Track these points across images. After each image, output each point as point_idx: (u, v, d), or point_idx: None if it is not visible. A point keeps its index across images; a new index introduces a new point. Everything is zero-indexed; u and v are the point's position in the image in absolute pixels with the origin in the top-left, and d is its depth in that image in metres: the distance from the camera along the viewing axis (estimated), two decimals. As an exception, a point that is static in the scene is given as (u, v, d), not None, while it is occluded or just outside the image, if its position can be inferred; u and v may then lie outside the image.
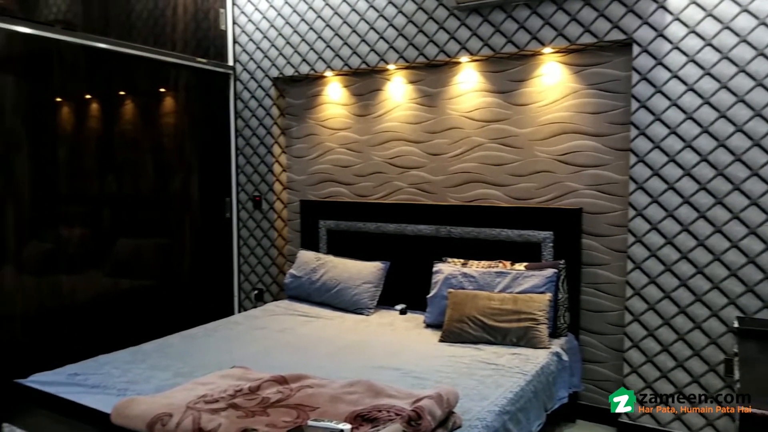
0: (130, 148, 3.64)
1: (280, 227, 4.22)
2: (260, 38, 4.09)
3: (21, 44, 3.03)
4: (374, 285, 3.51)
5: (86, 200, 3.40)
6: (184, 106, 3.99)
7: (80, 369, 2.50)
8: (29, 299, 3.09)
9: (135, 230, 3.71)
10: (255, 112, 4.19)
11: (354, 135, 3.89)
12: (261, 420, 1.82)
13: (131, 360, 2.64)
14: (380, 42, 3.58)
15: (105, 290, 3.50)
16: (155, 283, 3.81)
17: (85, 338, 3.32)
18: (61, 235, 3.28)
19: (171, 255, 3.93)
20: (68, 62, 3.27)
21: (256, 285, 4.30)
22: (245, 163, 4.28)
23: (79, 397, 2.18)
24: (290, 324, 3.28)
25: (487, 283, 3.06)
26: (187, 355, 2.72)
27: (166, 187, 3.87)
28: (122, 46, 3.49)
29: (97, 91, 3.46)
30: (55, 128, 3.24)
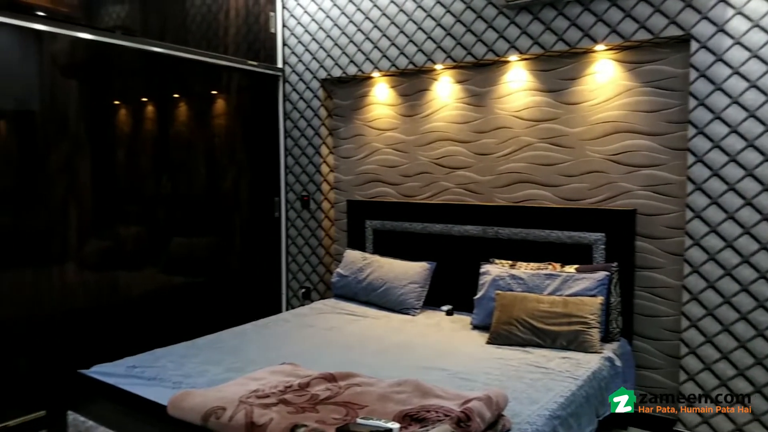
0: (183, 149, 3.76)
1: (327, 227, 4.27)
2: (309, 40, 4.15)
3: (84, 50, 3.17)
4: (420, 285, 3.51)
5: (143, 200, 3.53)
6: (235, 107, 4.09)
7: (138, 362, 2.59)
8: (90, 294, 3.23)
9: (188, 229, 3.82)
10: (303, 114, 4.26)
11: (401, 135, 3.90)
12: (311, 416, 1.85)
13: (185, 354, 2.72)
14: (428, 42, 3.57)
15: (159, 286, 3.62)
16: (207, 280, 3.92)
17: (141, 332, 3.44)
18: (119, 233, 3.41)
19: (222, 253, 4.03)
20: (127, 67, 3.40)
21: (304, 283, 4.37)
22: (294, 164, 4.35)
23: (137, 389, 2.27)
24: (337, 322, 3.31)
25: (536, 285, 3.02)
26: (238, 350, 2.79)
27: (218, 187, 3.98)
28: (178, 50, 3.61)
29: (154, 94, 3.58)
30: (115, 131, 3.37)
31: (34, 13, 2.94)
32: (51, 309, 3.05)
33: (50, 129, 3.04)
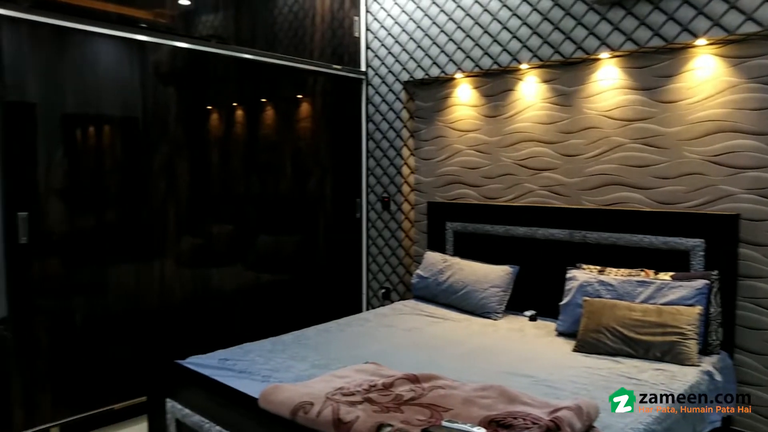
0: (271, 151, 3.90)
1: (407, 228, 4.28)
2: (392, 43, 4.19)
3: (181, 59, 3.36)
4: (502, 289, 3.45)
5: (233, 199, 3.69)
6: (320, 111, 4.19)
7: (229, 355, 2.71)
8: (185, 289, 3.42)
9: (274, 227, 3.96)
10: (385, 116, 4.30)
11: (483, 136, 3.85)
12: (395, 416, 1.86)
13: (272, 349, 2.82)
14: (513, 41, 3.50)
15: (247, 282, 3.78)
16: (291, 278, 4.04)
17: (229, 325, 3.61)
18: (211, 231, 3.59)
19: (306, 252, 4.15)
20: (220, 73, 3.57)
21: (384, 284, 4.41)
22: (375, 165, 4.41)
23: (229, 381, 2.37)
24: (418, 324, 3.32)
25: (627, 293, 2.88)
26: (322, 347, 2.85)
27: (303, 188, 4.10)
28: (267, 56, 3.75)
29: (244, 99, 3.74)
30: (209, 134, 3.55)
31: (138, 25, 3.15)
32: (151, 302, 3.26)
33: (152, 133, 3.25)
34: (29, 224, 2.77)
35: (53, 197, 2.87)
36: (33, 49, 2.77)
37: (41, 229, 2.82)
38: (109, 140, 3.13)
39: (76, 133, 3.01)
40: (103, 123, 3.10)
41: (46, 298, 2.86)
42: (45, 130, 2.85)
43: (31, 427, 2.81)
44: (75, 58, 2.93)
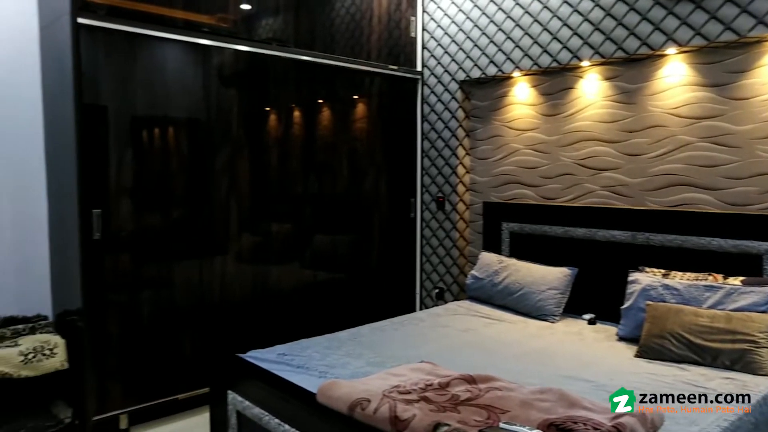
0: (328, 152, 3.96)
1: (461, 228, 4.26)
2: (448, 43, 4.17)
3: (242, 61, 3.46)
4: (560, 291, 3.38)
5: (291, 199, 3.77)
6: (376, 111, 4.22)
7: (287, 350, 2.78)
8: (245, 285, 3.52)
9: (330, 227, 4.02)
10: (441, 115, 4.29)
11: (541, 135, 3.78)
12: (452, 416, 1.86)
13: (328, 346, 2.86)
14: (574, 38, 3.43)
15: (303, 280, 3.85)
16: (345, 276, 4.09)
17: (286, 322, 3.69)
18: (270, 229, 3.68)
19: (360, 251, 4.19)
20: (279, 75, 3.66)
21: (437, 284, 4.40)
22: (430, 165, 4.40)
23: (287, 375, 2.43)
24: (473, 325, 3.30)
25: (694, 297, 2.77)
26: (377, 345, 2.88)
27: (358, 188, 4.14)
28: (325, 58, 3.81)
29: (302, 100, 3.82)
30: (268, 135, 3.64)
31: (201, 30, 3.27)
32: (213, 297, 3.37)
33: (214, 134, 3.36)
34: (102, 221, 2.93)
35: (123, 196, 3.02)
36: (107, 54, 2.92)
37: (112, 226, 2.97)
38: (174, 141, 3.27)
39: (145, 134, 3.15)
40: (169, 125, 3.24)
41: (116, 291, 3.02)
42: (116, 132, 3.00)
43: (102, 414, 2.97)
44: (144, 63, 3.07)
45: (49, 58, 3.13)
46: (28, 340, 2.89)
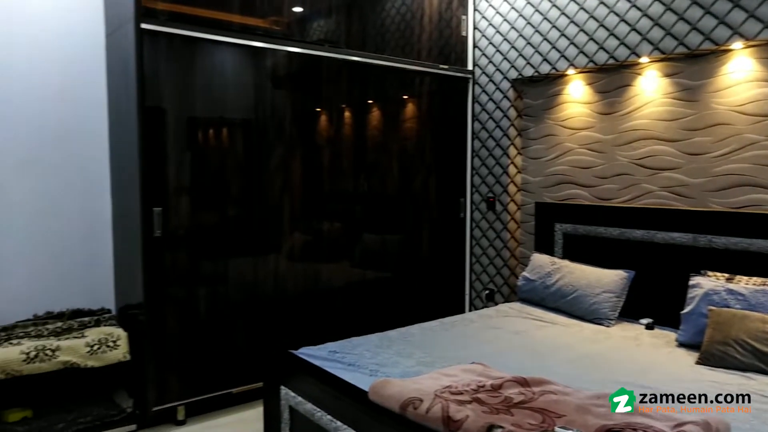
0: (378, 151, 3.98)
1: (512, 229, 4.20)
2: (500, 41, 4.12)
3: (295, 63, 3.52)
4: (616, 295, 3.29)
5: (341, 198, 3.81)
6: (426, 110, 4.22)
7: (338, 347, 2.81)
8: (297, 282, 3.58)
9: (379, 226, 4.04)
10: (492, 115, 4.24)
11: (597, 134, 3.68)
12: (506, 418, 1.83)
13: (379, 344, 2.88)
14: (632, 34, 3.32)
15: (353, 279, 3.89)
16: (394, 276, 4.10)
17: (336, 319, 3.73)
18: (321, 228, 3.73)
19: (409, 250, 4.19)
20: (331, 75, 3.70)
21: (487, 285, 4.35)
22: (480, 165, 4.36)
23: (339, 372, 2.45)
24: (524, 327, 3.24)
25: (761, 303, 2.64)
26: (427, 345, 2.87)
27: (408, 187, 4.14)
28: (375, 58, 3.83)
29: (352, 100, 3.85)
30: (320, 135, 3.69)
31: (256, 32, 3.34)
32: (266, 294, 3.45)
33: (268, 134, 3.43)
34: (162, 219, 3.03)
35: (181, 194, 3.12)
36: (167, 58, 3.03)
37: (171, 223, 3.08)
38: (229, 141, 3.36)
39: (201, 135, 3.25)
40: (224, 125, 3.33)
41: (175, 286, 3.12)
42: (174, 133, 3.10)
43: (161, 405, 3.08)
44: (201, 66, 3.17)
45: (114, 63, 3.28)
46: (94, 332, 3.03)
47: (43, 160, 3.24)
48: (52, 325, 3.05)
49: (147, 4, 2.89)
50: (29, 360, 2.74)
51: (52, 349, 2.81)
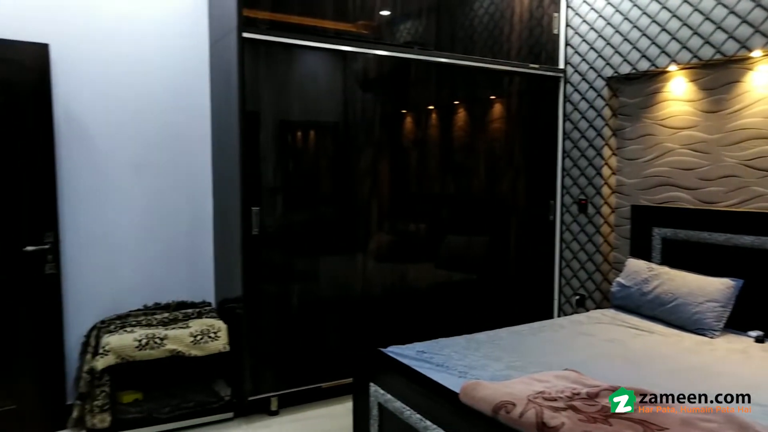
0: (465, 153, 3.96)
1: (606, 233, 4.04)
2: (594, 38, 3.98)
3: (383, 66, 3.58)
4: (721, 305, 3.08)
5: (428, 199, 3.83)
6: (515, 111, 4.15)
7: (426, 348, 2.82)
8: (384, 282, 3.64)
9: (466, 227, 4.02)
10: (585, 114, 4.11)
11: (700, 134, 3.47)
12: (603, 428, 1.78)
13: (467, 347, 2.87)
14: (742, 27, 3.11)
15: (438, 280, 3.89)
16: (480, 278, 4.06)
17: (422, 320, 3.76)
18: (408, 229, 3.76)
19: (496, 253, 4.14)
20: (419, 77, 3.73)
21: (578, 290, 4.22)
22: (572, 166, 4.23)
23: (427, 372, 2.47)
24: (619, 335, 3.12)
25: None
26: (516, 349, 2.83)
27: (495, 189, 4.10)
28: (464, 59, 3.82)
29: (440, 102, 3.86)
30: (407, 136, 3.73)
31: (346, 37, 3.42)
32: (354, 292, 3.53)
33: (358, 136, 3.51)
34: (259, 218, 3.19)
35: (276, 195, 3.27)
36: (265, 64, 3.18)
37: (267, 222, 3.23)
38: (321, 144, 3.47)
39: (295, 137, 3.38)
40: (316, 128, 3.45)
41: (270, 282, 3.27)
42: (271, 136, 3.25)
43: (256, 395, 3.24)
44: (296, 71, 3.30)
45: (216, 71, 3.48)
46: (197, 323, 3.23)
47: (154, 163, 3.50)
48: (160, 315, 3.29)
49: (249, 14, 3.05)
50: (141, 347, 2.97)
51: (160, 337, 3.03)
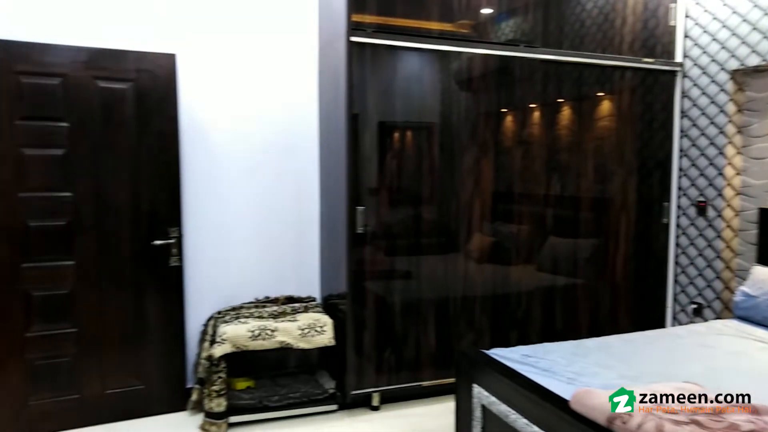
0: (571, 152, 3.82)
1: (728, 237, 3.75)
2: (717, 28, 3.71)
3: (488, 64, 3.54)
4: None
5: (531, 200, 3.73)
6: (626, 107, 3.95)
7: (531, 351, 2.76)
8: (485, 283, 3.60)
9: (568, 229, 3.87)
10: (705, 110, 3.83)
11: None
12: (732, 447, 1.66)
13: (574, 353, 2.77)
14: None
15: (541, 283, 3.79)
16: (585, 282, 3.90)
17: (523, 323, 3.68)
18: (508, 229, 3.70)
19: (602, 256, 3.96)
20: (525, 75, 3.64)
21: (695, 298, 3.94)
22: (689, 166, 3.96)
23: (534, 377, 2.42)
24: (743, 348, 2.88)
25: None
26: (628, 358, 2.70)
27: (603, 189, 3.92)
28: (572, 55, 3.70)
29: (544, 100, 3.75)
30: (510, 136, 3.66)
31: (449, 37, 3.42)
32: (455, 292, 3.53)
33: (460, 136, 3.50)
34: (364, 217, 3.27)
35: (379, 194, 3.33)
36: (371, 67, 3.25)
37: (370, 221, 3.30)
38: (422, 144, 3.49)
39: (397, 138, 3.43)
40: (418, 129, 3.48)
41: (372, 280, 3.34)
42: (376, 137, 3.32)
43: (359, 389, 3.32)
44: (399, 72, 3.35)
45: (325, 74, 3.61)
46: (304, 317, 3.37)
47: (266, 165, 3.69)
48: (270, 309, 3.47)
49: (357, 18, 3.14)
50: (254, 337, 3.14)
51: (271, 329, 3.19)
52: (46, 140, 3.03)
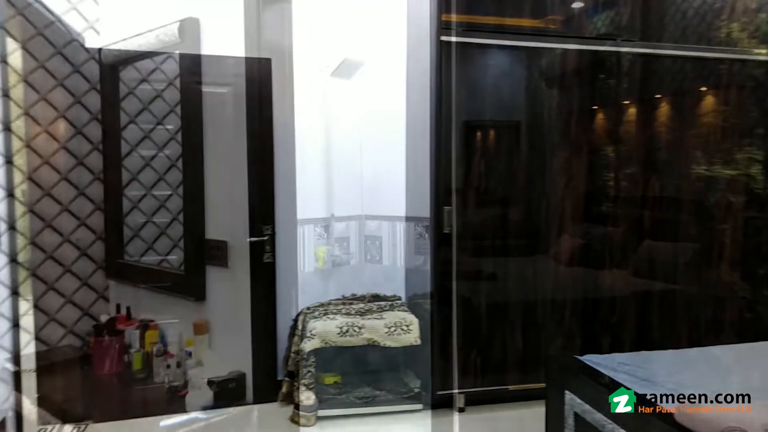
0: (669, 150, 3.61)
1: None
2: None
3: (579, 60, 3.41)
4: None
5: (625, 201, 3.56)
6: (735, 103, 3.67)
7: (627, 360, 2.64)
8: (575, 286, 3.48)
9: (666, 232, 3.66)
10: (825, 104, 3.51)
11: None
12: None
13: (675, 362, 2.62)
14: None
15: (633, 288, 3.60)
16: (682, 289, 3.67)
17: (615, 330, 3.51)
18: (598, 233, 3.54)
19: (704, 262, 3.71)
20: (621, 70, 3.48)
21: (811, 309, 3.62)
22: (806, 165, 3.64)
23: (632, 386, 2.30)
24: None
25: None
26: (738, 370, 2.52)
27: (707, 189, 3.67)
28: (668, 48, 3.50)
29: (642, 96, 3.56)
30: (605, 134, 3.52)
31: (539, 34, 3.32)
32: (543, 295, 3.43)
33: (549, 135, 3.41)
34: (450, 217, 3.25)
35: (467, 194, 3.30)
36: (458, 66, 3.23)
37: (457, 221, 3.27)
38: (509, 143, 3.43)
39: (483, 137, 3.39)
40: (506, 127, 3.42)
41: (458, 280, 3.31)
42: (460, 136, 3.28)
43: (444, 390, 3.31)
44: (485, 70, 3.34)
45: (413, 74, 3.62)
46: (390, 315, 3.40)
47: (352, 166, 3.76)
48: (356, 306, 3.52)
49: (446, 18, 3.13)
50: (342, 333, 3.21)
51: (358, 326, 3.25)
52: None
